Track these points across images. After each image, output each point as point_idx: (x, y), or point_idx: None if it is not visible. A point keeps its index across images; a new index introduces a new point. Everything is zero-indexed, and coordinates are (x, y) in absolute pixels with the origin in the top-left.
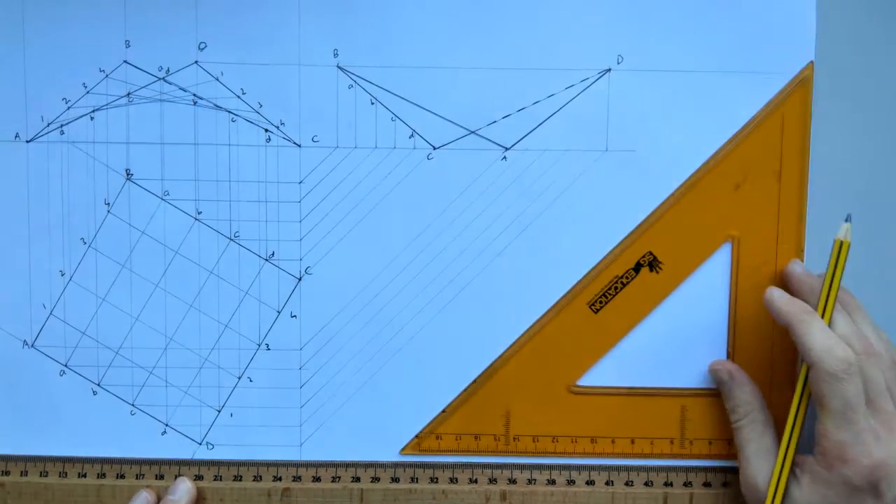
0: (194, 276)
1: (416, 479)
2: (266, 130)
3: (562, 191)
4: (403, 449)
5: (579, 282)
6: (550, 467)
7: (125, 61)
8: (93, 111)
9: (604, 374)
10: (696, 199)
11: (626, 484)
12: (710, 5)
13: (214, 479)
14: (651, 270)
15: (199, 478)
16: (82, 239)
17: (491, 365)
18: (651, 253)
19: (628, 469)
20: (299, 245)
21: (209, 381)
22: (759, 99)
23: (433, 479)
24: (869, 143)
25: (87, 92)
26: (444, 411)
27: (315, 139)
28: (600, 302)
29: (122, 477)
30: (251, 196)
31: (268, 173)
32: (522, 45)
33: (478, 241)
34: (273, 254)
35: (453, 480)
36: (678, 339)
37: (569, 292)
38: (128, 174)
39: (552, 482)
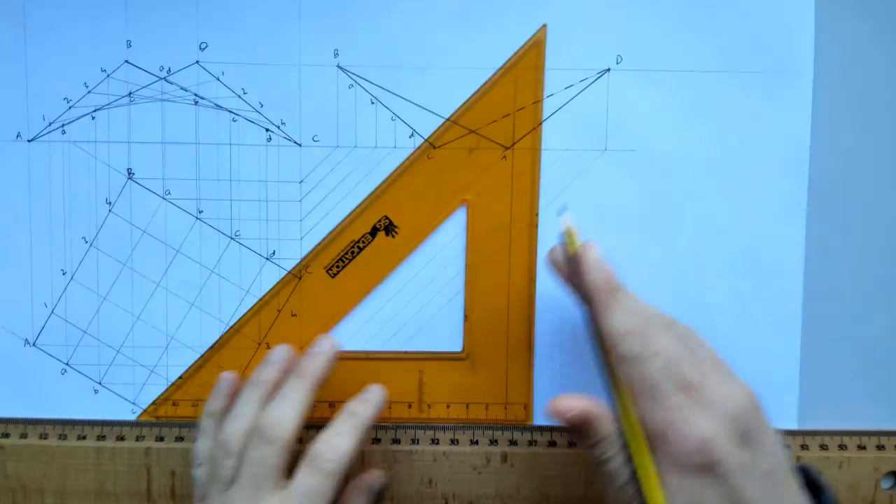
0: (195, 274)
1: None
2: (267, 130)
3: (563, 189)
4: (139, 415)
5: (316, 246)
6: None
7: (126, 61)
8: (94, 111)
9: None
10: (430, 163)
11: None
12: (709, 5)
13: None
14: (387, 234)
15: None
16: (84, 238)
17: (223, 335)
18: (387, 217)
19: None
20: (300, 244)
21: (210, 380)
22: (759, 99)
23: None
24: (869, 142)
25: (89, 91)
26: (179, 378)
27: (315, 138)
28: (337, 266)
29: (122, 439)
30: (252, 195)
31: (268, 172)
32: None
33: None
34: (274, 253)
35: None
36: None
37: (306, 256)
38: (129, 173)
39: None
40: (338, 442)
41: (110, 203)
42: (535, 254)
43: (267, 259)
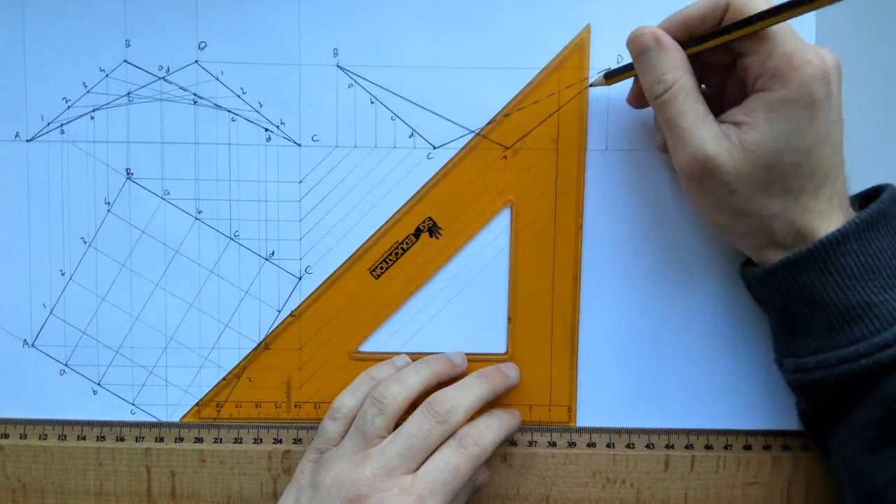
0: (194, 275)
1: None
2: (266, 130)
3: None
4: (185, 416)
5: (360, 248)
6: None
7: (125, 61)
8: (93, 110)
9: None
10: (472, 164)
11: None
12: None
13: (214, 442)
14: (431, 236)
15: (199, 440)
16: (82, 238)
17: (270, 332)
18: (431, 218)
19: None
20: (299, 244)
21: (209, 381)
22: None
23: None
24: (870, 142)
25: (88, 91)
26: (223, 379)
27: (315, 138)
28: (381, 268)
29: (122, 440)
30: (251, 195)
31: (268, 172)
32: (522, 45)
33: None
34: (273, 253)
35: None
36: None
37: (349, 258)
38: (128, 173)
39: None
40: (487, 434)
41: (109, 203)
42: (580, 254)
43: (266, 259)
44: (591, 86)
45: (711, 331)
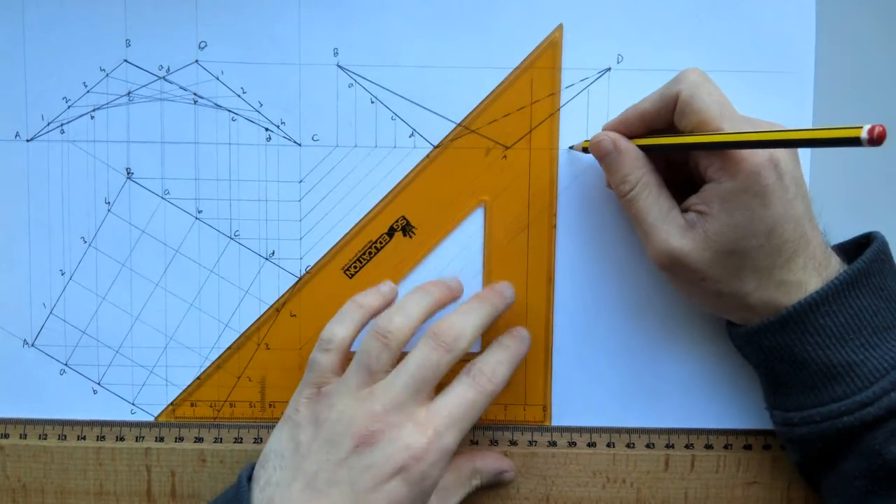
0: (195, 274)
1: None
2: (266, 129)
3: (563, 188)
4: (159, 415)
5: (333, 247)
6: None
7: (125, 60)
8: (93, 110)
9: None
10: (446, 163)
11: None
12: (709, 5)
13: (214, 441)
14: (405, 235)
15: (199, 440)
16: (82, 238)
17: (244, 332)
18: (404, 217)
19: None
20: (299, 244)
21: (209, 380)
22: (760, 98)
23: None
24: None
25: (88, 91)
26: (197, 379)
27: (315, 138)
28: (355, 267)
29: (122, 439)
30: (251, 195)
31: (268, 172)
32: (522, 45)
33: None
34: (273, 253)
35: None
36: None
37: (323, 257)
38: (128, 173)
39: None
40: (499, 370)
41: (109, 203)
42: (554, 254)
43: (266, 259)
44: (571, 148)
45: (710, 330)
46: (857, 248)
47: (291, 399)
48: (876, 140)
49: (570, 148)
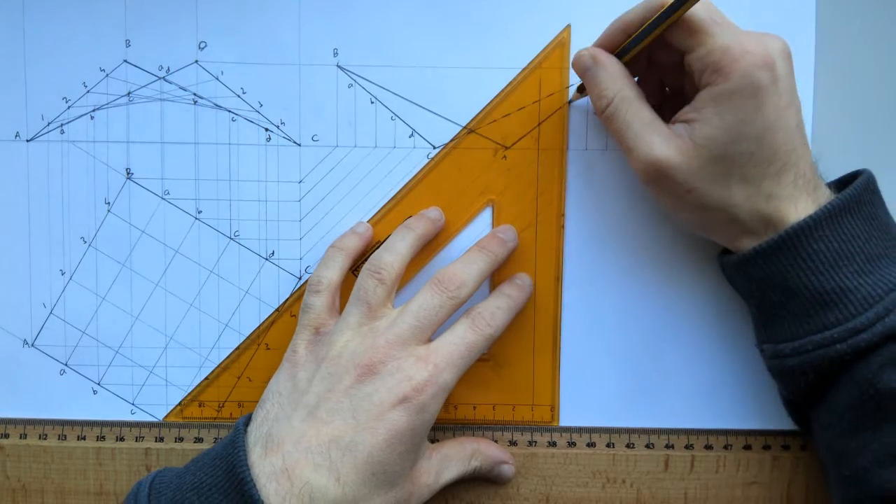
0: (194, 275)
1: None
2: (266, 129)
3: (571, 188)
4: (167, 416)
5: None
6: None
7: (125, 60)
8: (93, 110)
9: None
10: (455, 163)
11: None
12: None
13: (214, 441)
14: None
15: (199, 440)
16: (82, 238)
17: (250, 334)
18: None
19: None
20: (299, 244)
21: (209, 380)
22: None
23: None
24: (869, 142)
25: (88, 91)
26: (206, 379)
27: (315, 138)
28: (362, 266)
29: (122, 440)
30: (251, 195)
31: (268, 172)
32: (522, 45)
33: None
34: (273, 253)
35: None
36: None
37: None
38: (128, 173)
39: None
40: (499, 315)
41: (109, 203)
42: (562, 254)
43: (266, 259)
44: (570, 102)
45: (712, 331)
46: (845, 186)
47: (290, 343)
48: None
49: (570, 101)
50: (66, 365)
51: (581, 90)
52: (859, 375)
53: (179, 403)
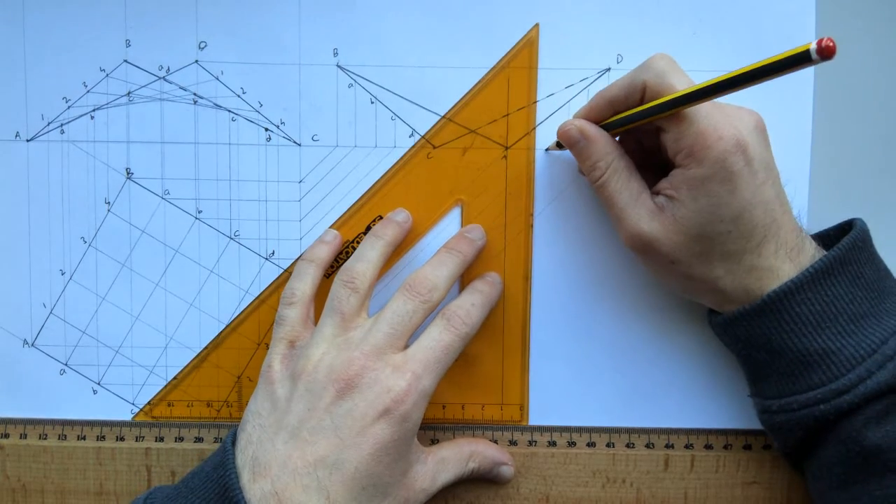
0: (194, 275)
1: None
2: (266, 129)
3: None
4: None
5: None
6: None
7: (125, 60)
8: (93, 110)
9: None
10: (422, 163)
11: None
12: (709, 5)
13: (214, 441)
14: None
15: (199, 440)
16: (82, 238)
17: (220, 333)
18: (381, 217)
19: None
20: (299, 244)
21: (206, 381)
22: (760, 99)
23: None
24: (869, 142)
25: (88, 91)
26: (174, 378)
27: (315, 138)
28: (332, 267)
29: (122, 439)
30: (251, 195)
31: (268, 172)
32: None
33: None
34: (273, 253)
35: None
36: None
37: (299, 257)
38: (128, 173)
39: None
40: (474, 312)
41: (109, 203)
42: (531, 254)
43: (266, 259)
44: (547, 150)
45: (708, 330)
46: (839, 235)
47: (265, 359)
48: (825, 52)
49: (546, 150)
50: (66, 365)
51: (559, 145)
52: (844, 433)
53: (179, 403)
